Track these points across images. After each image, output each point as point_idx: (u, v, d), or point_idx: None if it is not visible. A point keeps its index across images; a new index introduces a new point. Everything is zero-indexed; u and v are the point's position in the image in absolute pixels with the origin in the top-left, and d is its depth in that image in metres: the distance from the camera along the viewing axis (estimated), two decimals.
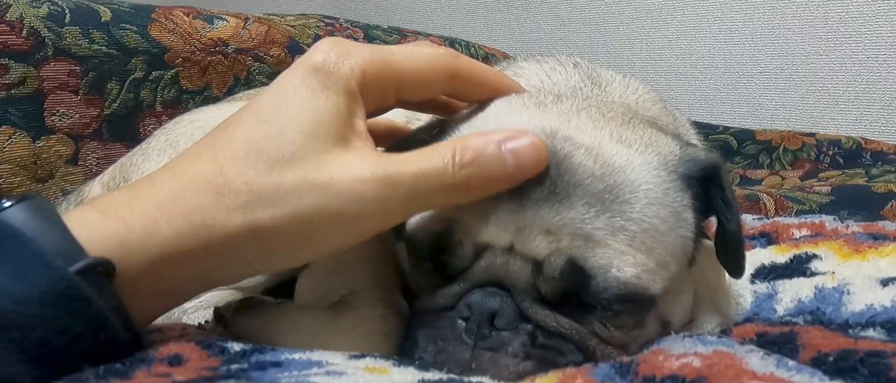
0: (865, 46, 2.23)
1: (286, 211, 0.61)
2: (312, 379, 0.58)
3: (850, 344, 0.67)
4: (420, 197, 0.65)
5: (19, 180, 1.19)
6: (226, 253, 0.62)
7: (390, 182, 0.63)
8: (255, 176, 0.61)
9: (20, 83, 1.19)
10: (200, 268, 0.63)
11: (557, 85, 0.94)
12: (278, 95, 0.65)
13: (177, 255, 0.61)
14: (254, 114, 0.65)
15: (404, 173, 0.63)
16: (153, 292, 0.62)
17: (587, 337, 0.72)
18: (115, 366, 0.58)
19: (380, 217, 0.65)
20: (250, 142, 0.63)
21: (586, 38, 2.56)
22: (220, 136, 0.65)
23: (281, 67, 1.53)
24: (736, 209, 0.77)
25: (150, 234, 0.60)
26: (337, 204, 0.62)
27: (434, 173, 0.63)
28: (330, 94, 0.64)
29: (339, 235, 0.65)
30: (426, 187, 0.64)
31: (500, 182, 0.66)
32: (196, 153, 0.64)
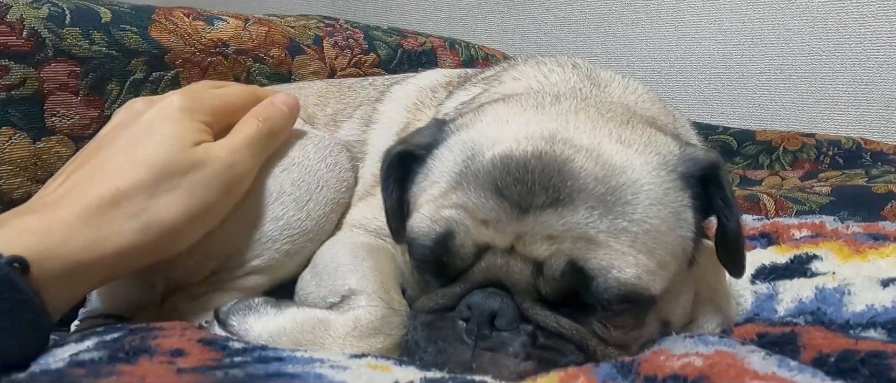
0: (865, 46, 2.23)
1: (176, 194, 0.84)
2: (318, 371, 0.59)
3: (851, 344, 0.67)
4: (256, 148, 0.94)
5: (20, 181, 1.18)
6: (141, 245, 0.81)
7: (233, 147, 0.90)
8: (145, 182, 0.82)
9: (20, 84, 1.19)
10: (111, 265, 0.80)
11: (556, 85, 0.94)
12: (149, 125, 0.88)
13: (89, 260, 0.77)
14: (132, 141, 0.86)
15: (239, 140, 0.92)
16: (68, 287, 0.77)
17: (587, 337, 0.72)
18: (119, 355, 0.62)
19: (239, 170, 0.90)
20: (135, 160, 0.84)
21: (586, 39, 2.56)
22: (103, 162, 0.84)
23: (281, 68, 1.53)
24: (736, 208, 0.77)
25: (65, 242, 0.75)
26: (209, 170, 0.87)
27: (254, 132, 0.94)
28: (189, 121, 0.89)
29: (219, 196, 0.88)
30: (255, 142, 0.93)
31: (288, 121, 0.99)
32: (86, 179, 0.82)
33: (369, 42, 1.72)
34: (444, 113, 1.02)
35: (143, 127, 0.88)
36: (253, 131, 0.93)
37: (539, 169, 0.71)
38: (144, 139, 0.86)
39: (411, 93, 1.15)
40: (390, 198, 0.85)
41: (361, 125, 1.13)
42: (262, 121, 0.95)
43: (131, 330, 0.75)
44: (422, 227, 0.75)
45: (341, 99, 1.20)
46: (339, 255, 0.93)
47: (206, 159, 0.87)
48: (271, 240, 0.94)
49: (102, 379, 0.54)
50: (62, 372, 0.59)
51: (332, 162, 1.02)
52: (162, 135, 0.86)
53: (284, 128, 0.99)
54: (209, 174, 0.87)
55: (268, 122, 0.95)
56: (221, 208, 0.90)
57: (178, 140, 0.86)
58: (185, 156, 0.86)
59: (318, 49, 1.60)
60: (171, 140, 0.86)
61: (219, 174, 0.87)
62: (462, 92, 1.06)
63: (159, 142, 0.85)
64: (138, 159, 0.84)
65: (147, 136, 0.86)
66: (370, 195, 1.02)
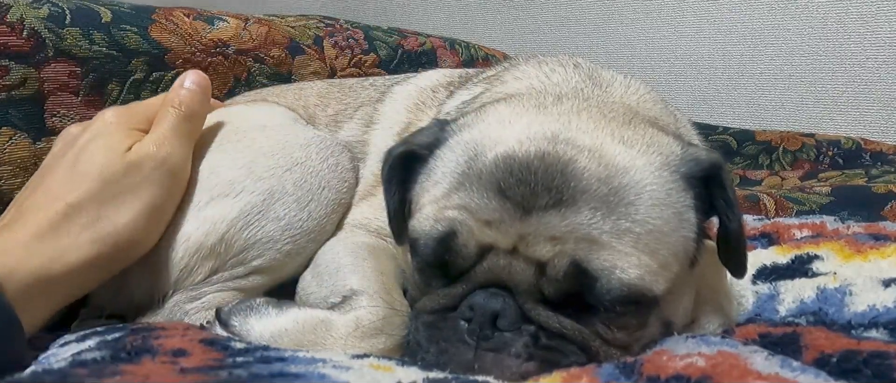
0: (865, 47, 2.23)
1: (124, 197, 0.88)
2: (321, 371, 0.59)
3: (853, 344, 0.67)
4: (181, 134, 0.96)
5: (20, 181, 1.18)
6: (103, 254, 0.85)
7: (159, 139, 0.94)
8: (93, 192, 0.87)
9: (21, 84, 1.19)
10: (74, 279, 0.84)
11: (558, 85, 0.94)
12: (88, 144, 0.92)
13: (55, 273, 0.81)
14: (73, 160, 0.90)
15: (162, 131, 0.94)
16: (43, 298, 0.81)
17: (590, 338, 0.72)
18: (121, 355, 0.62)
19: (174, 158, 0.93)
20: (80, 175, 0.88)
21: (586, 39, 2.56)
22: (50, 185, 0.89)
23: (281, 68, 1.53)
24: (737, 209, 0.77)
25: (25, 261, 0.80)
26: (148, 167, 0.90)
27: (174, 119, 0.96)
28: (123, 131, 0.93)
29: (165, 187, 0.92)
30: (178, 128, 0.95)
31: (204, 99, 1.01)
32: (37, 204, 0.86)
33: (369, 42, 1.72)
34: (446, 113, 1.02)
35: (79, 147, 0.92)
36: (172, 117, 0.96)
37: (542, 169, 0.71)
38: (83, 156, 0.91)
39: (412, 93, 1.15)
40: (393, 200, 0.85)
41: (362, 126, 1.13)
42: (176, 106, 0.97)
43: (132, 330, 0.75)
44: (424, 227, 0.74)
45: (342, 99, 1.20)
46: (340, 256, 0.93)
47: (139, 158, 0.91)
48: (273, 240, 0.94)
49: (105, 378, 0.54)
50: (65, 371, 0.59)
51: (334, 162, 1.02)
52: (98, 148, 0.91)
53: (201, 107, 1.01)
54: (147, 170, 0.90)
55: (183, 106, 0.97)
56: (170, 202, 0.93)
57: (112, 148, 0.91)
58: (121, 161, 0.90)
59: (318, 49, 1.60)
60: (107, 149, 0.91)
61: (157, 168, 0.91)
62: (463, 92, 1.06)
63: (96, 154, 0.90)
64: (81, 173, 0.89)
65: (85, 153, 0.91)
66: (371, 195, 1.02)
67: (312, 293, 0.90)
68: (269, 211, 0.94)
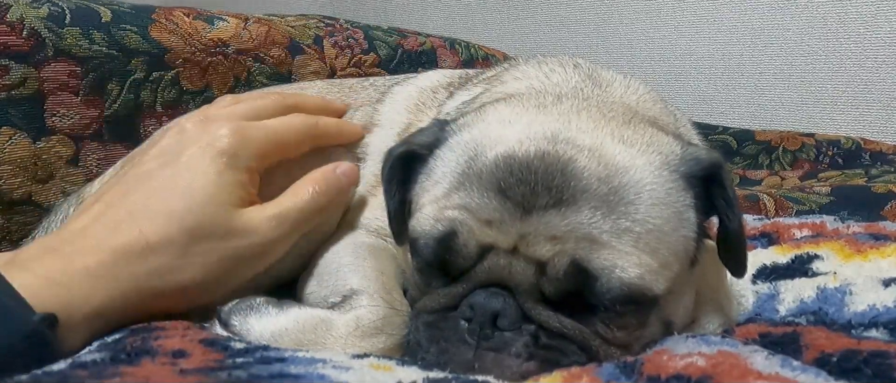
0: (865, 46, 2.22)
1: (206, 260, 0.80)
2: (320, 371, 0.59)
3: (853, 344, 0.67)
4: (302, 222, 0.88)
5: (20, 181, 1.18)
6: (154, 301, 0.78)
7: (280, 218, 0.85)
8: (177, 241, 0.78)
9: (20, 84, 1.19)
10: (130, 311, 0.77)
11: (558, 85, 0.94)
12: (189, 172, 0.82)
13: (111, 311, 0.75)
14: (169, 189, 0.81)
15: (288, 210, 0.86)
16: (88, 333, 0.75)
17: (590, 337, 0.72)
18: (121, 356, 0.62)
19: (280, 245, 0.86)
20: (169, 213, 0.79)
21: (586, 39, 2.56)
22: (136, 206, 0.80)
23: (281, 68, 1.53)
24: (738, 208, 0.78)
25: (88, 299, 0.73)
26: (247, 242, 0.82)
27: (306, 203, 0.87)
28: (234, 172, 0.84)
29: (249, 266, 0.85)
30: (305, 214, 0.87)
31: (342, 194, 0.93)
32: (116, 222, 0.78)
33: (369, 42, 1.72)
34: (446, 113, 1.02)
35: (183, 170, 0.82)
36: (305, 203, 0.86)
37: (542, 169, 0.71)
38: (183, 188, 0.81)
39: (412, 93, 1.15)
40: (393, 200, 0.85)
41: (362, 126, 1.13)
42: (318, 192, 0.87)
43: (132, 330, 0.75)
44: (425, 227, 0.75)
45: (342, 100, 1.20)
46: (340, 255, 0.93)
47: (246, 231, 0.82)
48: None
49: (106, 380, 0.54)
50: (65, 373, 0.59)
51: None
52: (202, 191, 0.80)
53: (340, 203, 0.92)
54: (245, 246, 0.82)
55: (324, 196, 0.88)
56: (247, 274, 0.85)
57: (218, 199, 0.81)
58: (223, 222, 0.80)
59: (318, 49, 1.60)
60: (211, 198, 0.80)
61: (256, 247, 0.83)
62: (463, 92, 1.06)
63: (198, 200, 0.80)
64: (172, 213, 0.79)
65: (186, 186, 0.81)
66: (371, 195, 1.02)
67: (312, 292, 0.90)
68: None
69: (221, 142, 0.84)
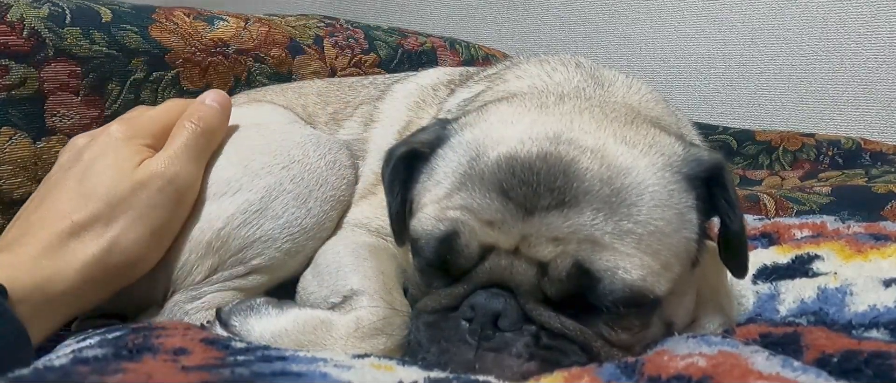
0: (865, 47, 2.23)
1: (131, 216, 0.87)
2: (322, 370, 0.59)
3: (853, 345, 0.67)
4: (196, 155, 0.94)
5: (20, 181, 1.18)
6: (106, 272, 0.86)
7: (172, 154, 0.92)
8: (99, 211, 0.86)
9: (21, 84, 1.19)
10: (87, 287, 0.84)
11: (560, 85, 0.94)
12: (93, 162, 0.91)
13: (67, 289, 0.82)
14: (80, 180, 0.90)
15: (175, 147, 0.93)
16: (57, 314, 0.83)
17: (591, 338, 0.72)
18: (122, 352, 0.62)
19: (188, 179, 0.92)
20: (86, 194, 0.88)
21: (586, 38, 2.56)
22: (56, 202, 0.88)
23: (281, 68, 1.53)
24: (739, 209, 0.77)
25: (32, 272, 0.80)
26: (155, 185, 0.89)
27: (191, 136, 0.94)
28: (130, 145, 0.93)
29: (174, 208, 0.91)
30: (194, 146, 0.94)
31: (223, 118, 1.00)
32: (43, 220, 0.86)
33: (369, 42, 1.72)
34: (447, 111, 1.02)
35: (86, 162, 0.91)
36: (187, 135, 0.94)
37: (544, 170, 0.71)
38: (90, 173, 0.90)
39: (413, 91, 1.15)
40: (395, 201, 0.85)
41: (362, 124, 1.13)
42: (194, 122, 0.96)
43: (133, 329, 0.75)
44: (426, 227, 0.74)
45: (342, 98, 1.20)
46: (340, 255, 0.93)
47: (147, 177, 0.89)
48: (272, 238, 0.94)
49: (108, 376, 0.54)
50: (67, 369, 0.59)
51: (332, 159, 1.02)
52: (105, 166, 0.90)
53: (220, 125, 0.99)
54: (154, 190, 0.89)
55: (201, 121, 0.96)
56: (175, 221, 0.92)
57: (120, 166, 0.90)
58: (128, 180, 0.89)
59: (318, 49, 1.60)
60: (114, 168, 0.90)
61: (164, 188, 0.90)
62: (464, 90, 1.06)
63: (104, 172, 0.89)
64: (87, 192, 0.88)
65: (92, 170, 0.90)
66: (371, 194, 1.02)
67: (313, 293, 0.90)
68: (267, 209, 0.94)
69: (113, 132, 0.95)
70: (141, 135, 0.95)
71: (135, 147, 0.93)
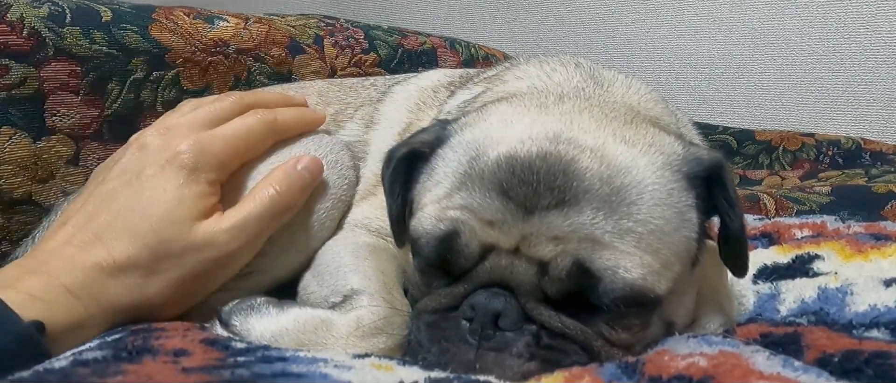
0: (865, 46, 2.23)
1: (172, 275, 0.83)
2: (322, 371, 0.59)
3: (854, 344, 0.67)
4: (265, 226, 0.88)
5: (20, 181, 1.18)
6: (127, 315, 0.82)
7: (240, 227, 0.86)
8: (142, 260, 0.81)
9: (21, 84, 1.19)
10: (109, 325, 0.81)
11: (560, 85, 0.94)
12: (151, 190, 0.85)
13: (92, 326, 0.79)
14: (131, 208, 0.83)
15: (248, 216, 0.86)
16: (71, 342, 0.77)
17: (592, 337, 0.72)
18: (122, 354, 0.62)
19: (243, 253, 0.87)
20: (133, 233, 0.82)
21: (586, 38, 2.56)
22: (102, 227, 0.83)
23: (281, 68, 1.52)
24: (739, 208, 0.77)
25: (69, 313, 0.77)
26: (207, 256, 0.84)
27: (267, 207, 0.87)
28: (194, 186, 0.85)
29: (216, 276, 0.87)
30: (266, 218, 0.87)
31: (307, 191, 0.92)
32: (85, 243, 0.82)
33: (370, 41, 1.72)
34: (447, 112, 1.02)
35: (144, 188, 0.85)
36: (265, 206, 0.87)
37: (544, 170, 0.71)
38: (144, 207, 0.83)
39: (413, 93, 1.15)
40: (396, 203, 0.85)
41: (363, 125, 1.13)
42: (278, 191, 0.87)
43: (132, 330, 0.75)
44: (426, 227, 0.74)
45: (343, 99, 1.20)
46: (340, 255, 0.93)
47: (205, 245, 0.84)
48: (272, 239, 0.93)
49: (108, 378, 0.54)
50: (67, 371, 0.59)
51: (333, 160, 1.02)
52: (162, 208, 0.83)
53: (301, 199, 0.91)
54: (206, 260, 0.84)
55: (285, 195, 0.88)
56: (214, 284, 0.88)
57: (177, 216, 0.83)
58: (184, 238, 0.83)
59: (318, 48, 1.60)
60: (171, 215, 0.83)
61: (218, 260, 0.85)
62: (464, 91, 1.06)
63: (158, 218, 0.83)
64: (136, 233, 0.82)
65: (147, 204, 0.84)
66: (372, 195, 1.02)
67: (313, 292, 0.90)
68: None
69: (181, 158, 0.86)
70: (209, 166, 0.87)
71: (199, 187, 0.85)
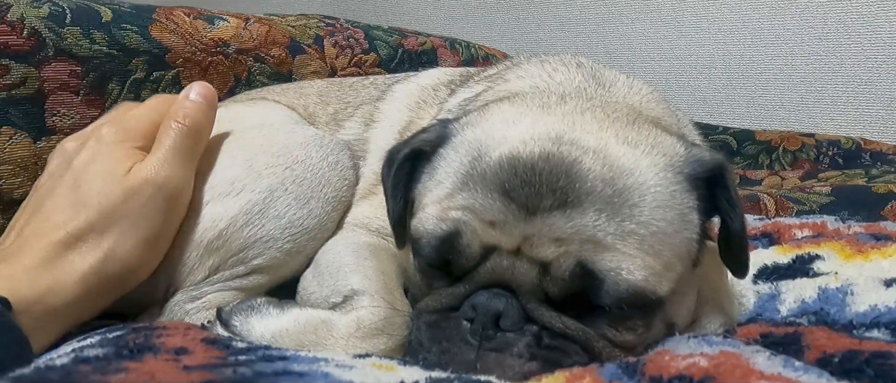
0: (865, 46, 2.23)
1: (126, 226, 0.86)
2: (323, 370, 0.59)
3: (855, 344, 0.67)
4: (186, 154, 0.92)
5: (20, 181, 1.18)
6: (104, 282, 0.85)
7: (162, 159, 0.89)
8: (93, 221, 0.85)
9: (21, 84, 1.19)
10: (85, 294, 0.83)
11: (561, 85, 0.94)
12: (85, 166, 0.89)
13: (66, 301, 0.81)
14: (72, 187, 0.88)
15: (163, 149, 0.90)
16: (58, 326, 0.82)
17: (593, 338, 0.72)
18: (124, 352, 0.62)
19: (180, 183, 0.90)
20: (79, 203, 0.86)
21: (586, 39, 2.56)
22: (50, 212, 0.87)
23: (282, 68, 1.53)
24: (740, 209, 0.77)
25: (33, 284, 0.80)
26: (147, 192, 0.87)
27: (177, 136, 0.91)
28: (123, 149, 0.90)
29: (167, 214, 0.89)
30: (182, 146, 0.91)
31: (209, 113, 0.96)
32: (39, 230, 0.85)
33: (370, 41, 1.72)
34: (447, 110, 1.02)
35: (77, 169, 0.89)
36: (174, 135, 0.91)
37: (546, 171, 0.71)
38: (82, 180, 0.88)
39: (413, 91, 1.15)
40: (398, 205, 0.85)
41: (363, 124, 1.13)
42: (180, 121, 0.92)
43: (134, 329, 0.75)
44: (428, 227, 0.74)
45: (343, 98, 1.20)
46: (341, 255, 0.93)
47: (138, 184, 0.87)
48: (273, 238, 0.94)
49: (110, 375, 0.54)
50: (68, 368, 0.59)
51: (334, 160, 1.02)
52: (96, 172, 0.88)
53: (206, 121, 0.96)
54: (146, 197, 0.87)
55: (187, 119, 0.93)
56: (170, 227, 0.90)
57: (110, 172, 0.88)
58: (120, 187, 0.87)
59: (318, 48, 1.60)
60: (105, 174, 0.87)
61: (155, 195, 0.88)
62: (465, 90, 1.06)
63: (95, 179, 0.87)
64: (80, 200, 0.86)
65: (83, 176, 0.88)
66: (372, 194, 1.02)
67: (313, 293, 0.90)
68: (269, 209, 0.94)
69: (102, 136, 0.92)
70: (131, 136, 0.92)
71: (125, 150, 0.91)
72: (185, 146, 0.92)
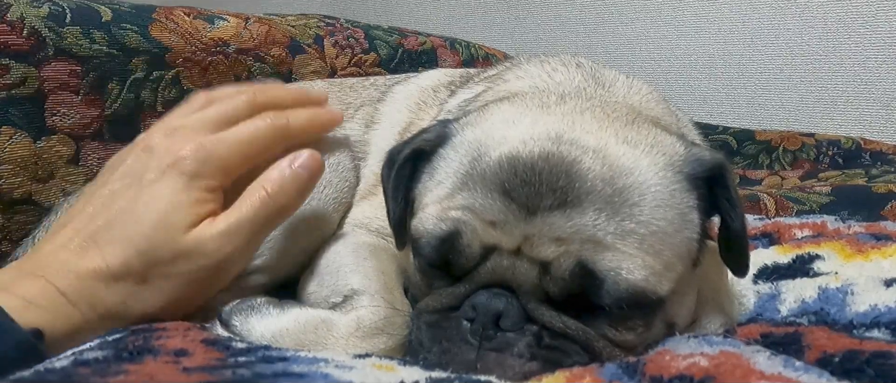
0: (865, 46, 2.23)
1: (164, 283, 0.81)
2: (323, 371, 0.59)
3: (855, 344, 0.67)
4: (258, 230, 0.84)
5: (20, 181, 1.18)
6: (123, 323, 0.80)
7: (231, 232, 0.82)
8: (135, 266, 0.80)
9: (21, 83, 1.19)
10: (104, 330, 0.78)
11: (561, 85, 0.94)
12: (149, 194, 0.83)
13: (89, 331, 0.77)
14: (129, 212, 0.82)
15: (239, 221, 0.83)
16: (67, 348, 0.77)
17: (593, 338, 0.72)
18: (123, 354, 0.62)
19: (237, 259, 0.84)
20: (128, 239, 0.80)
21: (586, 39, 2.56)
22: (100, 230, 0.82)
23: (281, 67, 1.53)
24: (741, 209, 0.77)
25: (67, 321, 0.77)
26: (197, 264, 0.82)
27: (259, 209, 0.83)
28: (192, 192, 0.83)
29: (210, 283, 0.85)
30: (260, 221, 0.84)
31: (304, 191, 0.87)
32: (82, 247, 0.81)
33: (370, 41, 1.72)
34: (448, 111, 1.02)
35: (143, 193, 0.83)
36: (256, 209, 0.83)
37: (546, 170, 0.71)
38: (141, 212, 0.82)
39: (413, 92, 1.15)
40: (398, 206, 0.84)
41: (363, 125, 1.13)
42: (270, 194, 0.83)
43: (133, 330, 0.75)
44: (428, 227, 0.74)
45: (343, 99, 1.20)
46: (341, 255, 0.93)
47: (194, 251, 0.81)
48: (273, 238, 0.93)
49: (110, 378, 0.54)
50: (68, 371, 0.59)
51: (335, 161, 1.02)
52: (158, 214, 0.81)
53: (299, 200, 0.86)
54: (196, 268, 0.81)
55: (278, 197, 0.84)
56: (210, 290, 0.86)
57: (172, 222, 0.81)
58: (172, 246, 0.81)
59: (318, 48, 1.60)
60: (164, 222, 0.81)
61: (207, 266, 0.82)
62: (465, 90, 1.06)
63: (153, 223, 0.81)
64: (130, 240, 0.80)
65: (144, 210, 0.82)
66: (372, 195, 1.02)
67: (313, 293, 0.90)
68: None
69: (183, 163, 0.84)
70: (210, 173, 0.84)
71: (197, 193, 0.82)
72: (263, 222, 0.84)
